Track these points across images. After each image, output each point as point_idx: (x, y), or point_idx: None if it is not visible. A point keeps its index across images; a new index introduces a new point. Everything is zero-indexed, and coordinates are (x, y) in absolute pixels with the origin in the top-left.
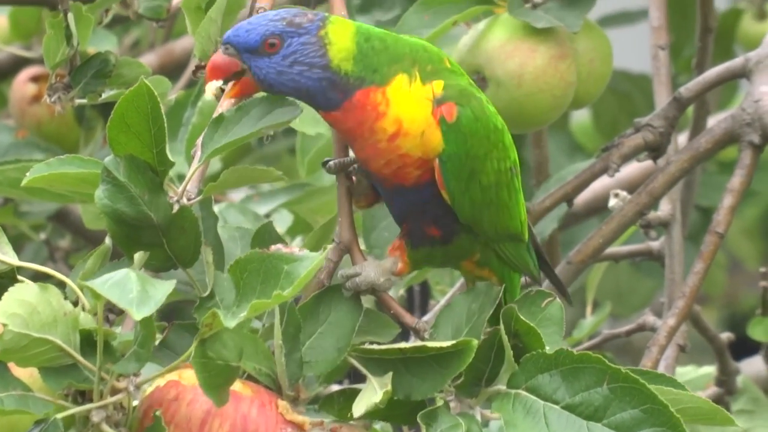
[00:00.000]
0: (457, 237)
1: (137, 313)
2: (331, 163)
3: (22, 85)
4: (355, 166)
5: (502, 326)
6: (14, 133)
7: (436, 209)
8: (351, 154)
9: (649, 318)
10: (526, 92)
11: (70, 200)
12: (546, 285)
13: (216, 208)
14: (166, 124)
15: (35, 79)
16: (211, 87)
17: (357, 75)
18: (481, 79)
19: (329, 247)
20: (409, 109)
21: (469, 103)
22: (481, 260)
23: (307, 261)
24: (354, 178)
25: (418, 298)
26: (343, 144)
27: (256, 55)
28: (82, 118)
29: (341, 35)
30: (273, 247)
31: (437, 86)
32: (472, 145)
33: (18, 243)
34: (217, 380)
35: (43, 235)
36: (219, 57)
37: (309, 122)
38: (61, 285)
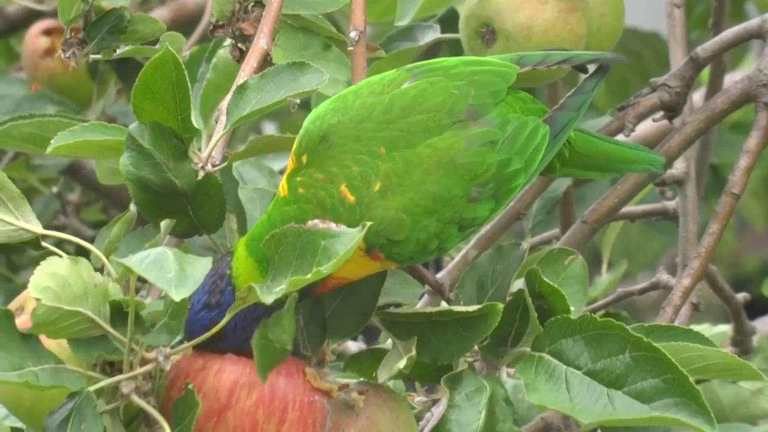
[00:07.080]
0: None
1: (176, 294)
2: None
3: (34, 38)
4: None
5: (525, 288)
6: (27, 86)
7: None
8: None
9: (663, 276)
10: (535, 45)
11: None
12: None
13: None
14: (191, 92)
15: (48, 32)
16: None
17: None
18: (490, 32)
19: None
20: None
21: None
22: None
23: (345, 237)
24: None
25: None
26: None
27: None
28: (96, 72)
29: None
30: (309, 222)
31: None
32: None
33: (28, 196)
34: (271, 362)
35: (54, 189)
36: None
37: (329, 84)
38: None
